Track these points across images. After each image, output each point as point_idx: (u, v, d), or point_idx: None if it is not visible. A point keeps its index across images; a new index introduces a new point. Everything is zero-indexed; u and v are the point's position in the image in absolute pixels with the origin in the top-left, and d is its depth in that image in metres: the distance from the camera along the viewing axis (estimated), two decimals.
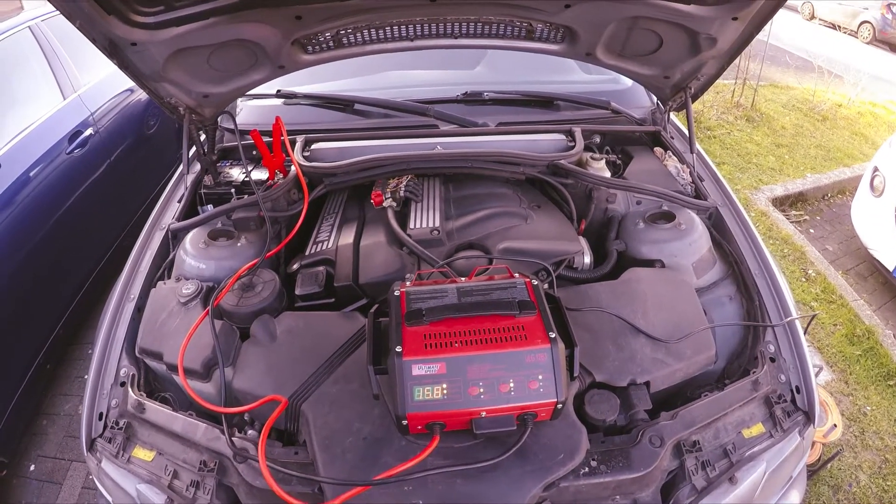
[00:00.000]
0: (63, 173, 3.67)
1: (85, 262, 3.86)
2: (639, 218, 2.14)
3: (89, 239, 3.91)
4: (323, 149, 2.42)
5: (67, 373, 3.74)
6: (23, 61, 3.88)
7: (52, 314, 3.52)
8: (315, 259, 2.03)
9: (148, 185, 4.69)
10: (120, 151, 4.26)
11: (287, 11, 1.76)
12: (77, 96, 4.09)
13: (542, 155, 2.25)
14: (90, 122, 4.05)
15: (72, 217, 3.66)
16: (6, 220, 3.15)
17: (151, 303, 1.91)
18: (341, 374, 1.62)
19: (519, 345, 1.37)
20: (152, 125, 4.76)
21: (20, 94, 3.77)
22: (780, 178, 5.95)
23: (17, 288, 3.19)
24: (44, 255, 3.41)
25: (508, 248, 1.98)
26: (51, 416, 3.49)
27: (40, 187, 3.45)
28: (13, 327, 3.14)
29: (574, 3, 1.78)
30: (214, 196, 2.36)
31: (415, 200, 2.17)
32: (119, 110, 4.39)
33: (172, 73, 1.97)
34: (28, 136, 3.56)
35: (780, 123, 7.21)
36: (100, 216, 4.02)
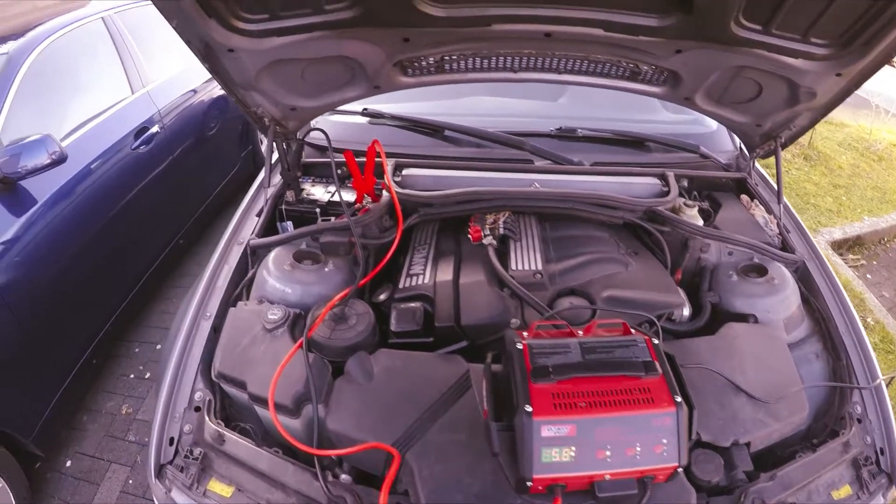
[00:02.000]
0: (125, 169, 3.65)
1: (140, 259, 3.85)
2: (732, 270, 2.08)
3: (145, 237, 3.90)
4: (415, 175, 2.35)
5: (112, 369, 3.72)
6: (94, 52, 3.87)
7: (105, 309, 3.49)
8: (411, 294, 1.95)
9: (206, 188, 4.70)
10: (181, 151, 4.23)
11: (396, 33, 1.71)
12: (146, 92, 4.08)
13: (641, 200, 2.20)
14: (156, 119, 4.04)
15: (130, 213, 3.64)
16: (65, 211, 3.12)
17: (231, 324, 1.83)
18: (447, 423, 1.54)
19: (646, 408, 1.32)
20: (212, 127, 4.74)
21: (90, 84, 3.76)
22: (838, 220, 5.82)
23: (72, 280, 3.16)
24: (100, 249, 3.39)
25: (612, 297, 1.92)
26: (92, 412, 3.46)
27: (101, 181, 3.42)
28: (65, 319, 3.11)
29: (685, 49, 1.74)
30: (296, 213, 2.30)
31: (513, 239, 2.10)
32: (182, 110, 4.37)
33: (264, 83, 1.92)
34: (95, 127, 3.55)
35: (837, 163, 7.07)
36: (157, 215, 4.00)
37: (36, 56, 3.33)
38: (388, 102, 2.69)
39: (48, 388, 2.99)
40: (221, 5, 1.55)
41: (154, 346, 3.88)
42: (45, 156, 2.85)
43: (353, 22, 1.63)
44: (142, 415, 3.43)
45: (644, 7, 1.57)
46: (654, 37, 1.67)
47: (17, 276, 2.76)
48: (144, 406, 3.47)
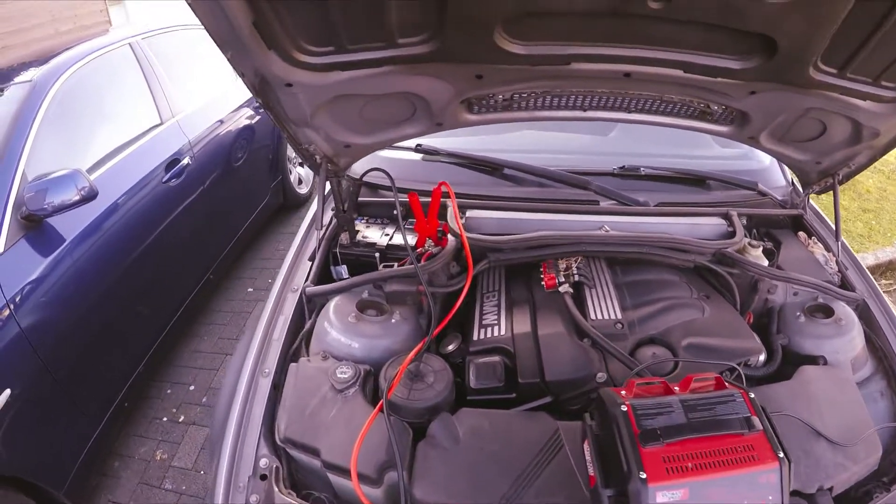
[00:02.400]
0: (155, 203, 3.55)
1: (170, 297, 3.74)
2: (798, 310, 2.04)
3: (175, 273, 3.79)
4: (479, 217, 2.27)
5: (143, 412, 3.59)
6: (122, 79, 3.81)
7: (136, 349, 3.38)
8: (487, 346, 1.85)
9: (236, 221, 4.61)
10: (209, 183, 4.14)
11: (470, 69, 1.62)
12: (175, 122, 4.00)
13: (711, 243, 2.16)
14: (186, 150, 3.95)
15: (159, 249, 3.54)
16: (94, 248, 3.00)
17: (295, 383, 1.72)
18: (543, 487, 1.46)
19: (751, 466, 1.27)
20: (239, 158, 4.64)
21: (118, 113, 3.70)
22: (870, 245, 5.75)
23: (101, 320, 3.04)
24: (129, 287, 3.28)
25: (692, 345, 1.85)
26: (124, 457, 3.33)
27: (131, 215, 3.32)
28: (95, 361, 2.99)
29: (760, 91, 1.71)
30: (351, 257, 2.20)
31: (588, 285, 2.03)
32: (210, 140, 4.28)
33: (320, 120, 1.82)
34: (124, 159, 3.46)
35: (865, 187, 7.00)
36: (187, 250, 3.91)
37: (62, 84, 3.26)
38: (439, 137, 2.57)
39: (80, 437, 2.86)
40: (284, 36, 1.43)
41: (187, 387, 3.76)
42: (73, 192, 2.72)
43: (427, 57, 1.54)
44: (177, 461, 3.29)
45: (726, 49, 1.53)
46: (733, 79, 1.64)
47: (44, 318, 2.62)
48: (179, 452, 3.34)
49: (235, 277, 4.75)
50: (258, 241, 5.21)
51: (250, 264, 4.96)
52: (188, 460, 3.29)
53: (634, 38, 1.50)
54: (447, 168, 2.57)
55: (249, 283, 4.71)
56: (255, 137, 4.87)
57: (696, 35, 1.46)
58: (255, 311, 4.34)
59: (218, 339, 4.14)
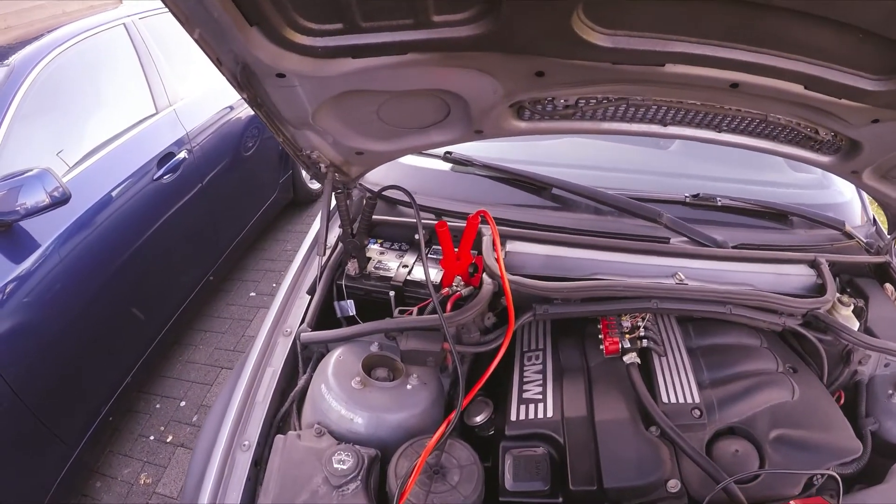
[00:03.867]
0: (147, 201, 3.24)
1: (164, 301, 3.47)
2: (890, 387, 1.74)
3: (170, 276, 3.52)
4: (522, 253, 1.85)
5: (130, 428, 3.34)
6: (113, 63, 3.49)
7: (126, 358, 3.14)
8: (529, 431, 1.48)
9: (240, 218, 4.31)
10: (213, 176, 3.81)
11: (530, 63, 1.20)
12: (172, 111, 3.65)
13: (804, 301, 1.78)
14: (184, 142, 3.60)
15: (152, 250, 3.26)
16: (78, 249, 2.75)
17: (280, 467, 1.37)
18: None
19: None
20: (250, 147, 4.30)
21: (108, 101, 3.38)
22: None
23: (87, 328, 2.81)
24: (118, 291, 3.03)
25: (781, 439, 1.51)
26: (106, 478, 3.08)
27: (119, 214, 3.03)
28: (80, 372, 2.77)
29: (883, 120, 1.36)
30: (360, 292, 1.83)
31: (658, 353, 1.65)
32: (216, 129, 3.94)
33: (325, 121, 1.44)
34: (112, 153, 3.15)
35: None
36: (184, 250, 3.61)
37: (43, 68, 2.94)
38: None
39: (60, 453, 2.65)
40: (270, 8, 1.02)
41: (177, 403, 3.50)
42: (42, 195, 2.44)
43: (471, 44, 1.11)
44: (162, 488, 3.03)
45: (865, 65, 1.18)
46: (860, 102, 1.29)
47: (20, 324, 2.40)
48: (165, 477, 3.08)
49: (238, 280, 4.50)
50: (264, 240, 4.95)
51: (254, 265, 4.70)
52: (174, 487, 3.04)
53: (753, 39, 1.12)
54: (480, 182, 2.17)
55: (252, 287, 4.44)
56: (263, 127, 4.49)
57: (833, 41, 1.10)
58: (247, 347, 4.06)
59: (214, 349, 3.86)
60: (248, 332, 3.98)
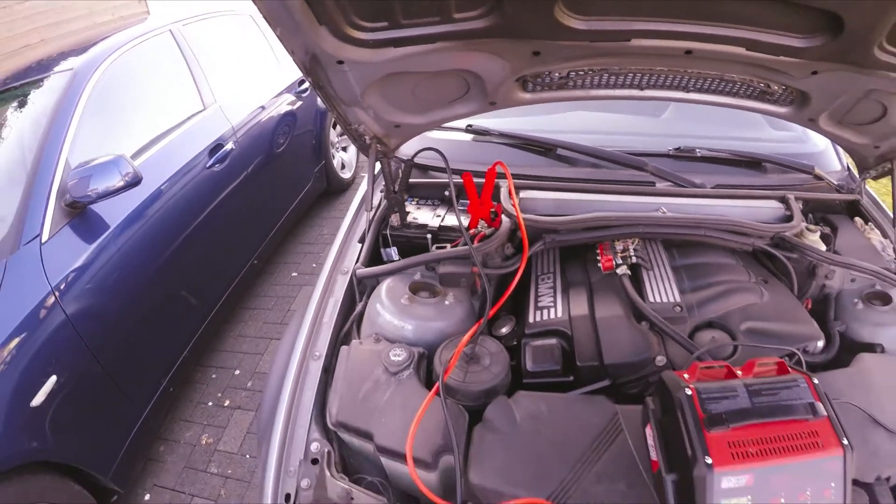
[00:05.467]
0: (199, 188, 3.55)
1: (215, 282, 3.76)
2: (856, 297, 1.99)
3: (219, 258, 3.81)
4: (535, 199, 2.21)
5: (189, 397, 3.63)
6: (163, 66, 3.82)
7: (182, 335, 3.40)
8: (544, 329, 1.81)
9: (279, 206, 4.61)
10: (252, 168, 4.14)
11: (528, 45, 1.56)
12: (218, 107, 4.00)
13: (771, 226, 2.10)
14: (230, 135, 3.95)
15: (204, 234, 3.55)
16: (138, 234, 3.01)
17: (347, 366, 1.69)
18: (603, 472, 1.42)
19: (815, 452, 1.26)
20: (281, 143, 4.63)
21: (161, 99, 3.70)
22: None
23: (146, 306, 3.05)
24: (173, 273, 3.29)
25: (752, 330, 1.80)
26: (169, 442, 3.36)
27: (175, 201, 3.32)
28: (140, 347, 3.01)
29: (822, 71, 1.65)
30: (402, 239, 2.17)
31: (645, 268, 1.97)
32: (252, 126, 4.27)
33: (371, 99, 1.79)
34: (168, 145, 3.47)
35: None
36: (231, 235, 3.91)
37: (103, 72, 3.26)
38: (488, 118, 2.60)
39: (125, 422, 2.88)
40: (336, 11, 1.39)
41: (232, 372, 3.78)
42: (118, 178, 2.71)
43: (484, 33, 1.49)
44: (223, 445, 3.31)
45: (791, 27, 1.48)
46: (796, 58, 1.59)
47: (89, 305, 2.63)
48: (225, 436, 3.36)
49: (279, 262, 4.76)
50: (301, 226, 5.24)
51: (294, 249, 4.98)
52: (234, 444, 3.31)
53: (698, 14, 1.44)
54: (498, 149, 2.51)
55: (293, 268, 4.71)
56: (297, 123, 4.86)
57: (761, 11, 1.41)
58: (303, 292, 4.34)
59: (263, 323, 4.15)
60: (294, 308, 4.26)
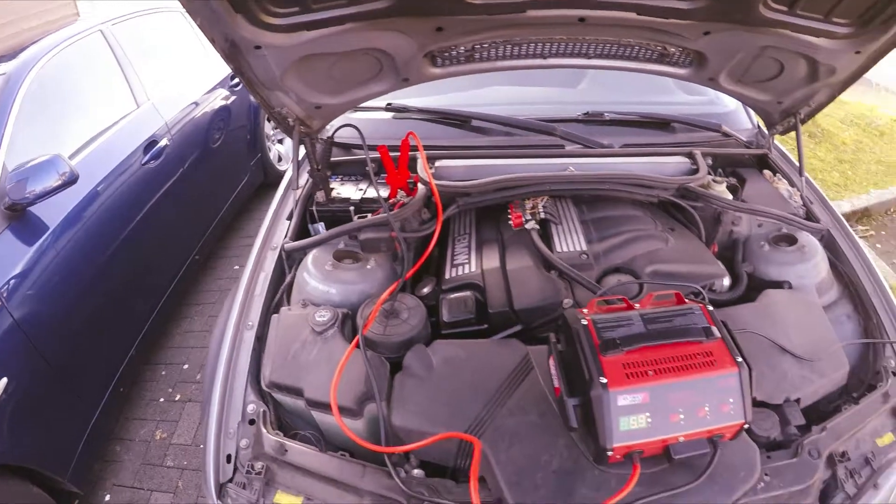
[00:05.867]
0: (137, 185, 3.56)
1: (157, 279, 3.77)
2: (762, 240, 2.15)
3: (161, 255, 3.82)
4: (449, 167, 2.33)
5: (140, 395, 3.63)
6: (95, 66, 3.80)
7: (127, 334, 3.40)
8: (459, 283, 1.92)
9: (217, 200, 4.63)
10: (189, 164, 4.15)
11: (429, 22, 1.68)
12: (151, 104, 4.00)
13: (674, 178, 2.24)
14: (164, 131, 3.96)
15: (144, 232, 3.55)
16: (78, 234, 3.00)
17: (277, 331, 1.78)
18: (515, 406, 1.54)
19: (711, 370, 1.37)
20: (217, 139, 4.65)
21: (94, 100, 3.68)
22: (846, 193, 5.95)
23: (90, 307, 3.04)
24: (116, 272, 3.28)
25: (657, 272, 1.94)
26: (125, 441, 3.37)
27: (113, 199, 3.32)
28: (88, 349, 3.01)
29: (713, 31, 1.77)
30: (327, 213, 2.25)
31: (554, 222, 2.10)
32: (186, 122, 4.28)
33: (289, 81, 1.87)
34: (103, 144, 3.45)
35: (841, 139, 7.17)
36: (171, 231, 3.93)
37: (35, 74, 3.24)
38: (410, 97, 2.69)
39: (79, 423, 2.89)
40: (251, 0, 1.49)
41: (181, 367, 3.80)
42: (55, 177, 2.72)
43: (387, 12, 1.59)
44: (177, 438, 3.34)
45: None
46: (684, 19, 1.70)
47: (35, 307, 2.63)
48: (178, 429, 3.39)
49: (221, 256, 4.78)
50: (241, 220, 5.24)
51: (235, 242, 5.01)
52: (187, 436, 3.34)
53: None
54: (417, 124, 2.61)
55: (235, 262, 4.74)
56: (231, 117, 4.88)
57: None
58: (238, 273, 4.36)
59: (208, 317, 4.16)
60: None
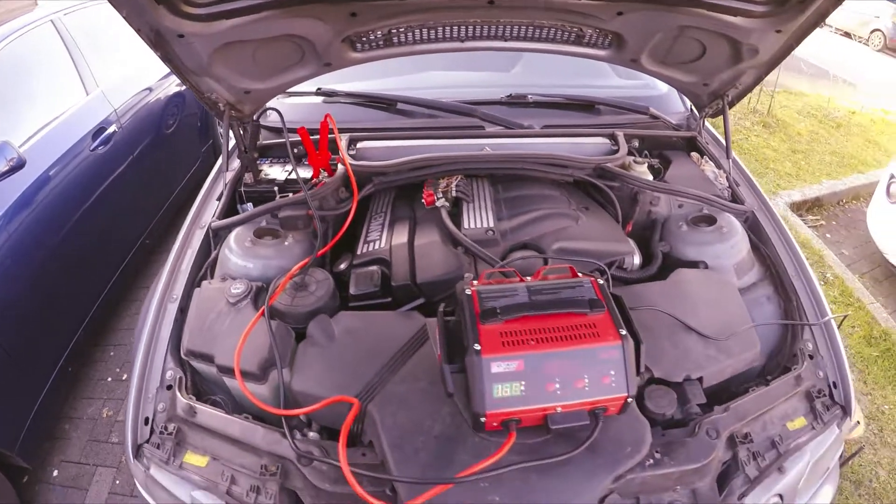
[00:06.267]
0: (86, 171, 3.59)
1: (107, 262, 3.81)
2: (682, 220, 2.17)
3: (111, 239, 3.85)
4: (369, 147, 2.39)
5: (89, 375, 3.68)
6: (45, 56, 3.81)
7: (75, 315, 3.45)
8: (368, 259, 1.99)
9: (168, 185, 4.66)
10: (141, 150, 4.19)
11: (343, 8, 1.73)
12: (100, 92, 4.03)
13: (590, 158, 2.26)
14: (113, 118, 3.99)
15: (94, 216, 3.59)
16: (28, 219, 3.06)
17: (197, 303, 1.86)
18: (407, 373, 1.59)
19: (592, 342, 1.38)
20: (171, 125, 4.69)
21: (43, 89, 3.69)
22: (797, 183, 6.03)
23: (40, 289, 3.11)
24: (65, 255, 3.33)
25: (563, 249, 1.98)
26: (73, 419, 3.43)
27: (62, 185, 3.37)
28: (36, 329, 3.07)
29: (626, 11, 1.79)
30: (255, 194, 2.31)
31: (466, 201, 2.15)
32: (139, 109, 4.32)
33: (216, 68, 1.92)
34: (51, 132, 3.48)
35: (796, 130, 7.26)
36: (122, 216, 3.96)
37: None
38: (344, 82, 2.72)
39: (26, 401, 2.96)
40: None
41: (128, 348, 3.80)
42: (2, 163, 2.79)
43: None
44: (123, 416, 3.35)
45: None
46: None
47: None
48: (124, 407, 3.42)
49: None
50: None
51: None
52: None
53: None
54: (348, 108, 2.67)
55: None
56: (185, 104, 4.92)
57: None
58: None
59: None
60: None
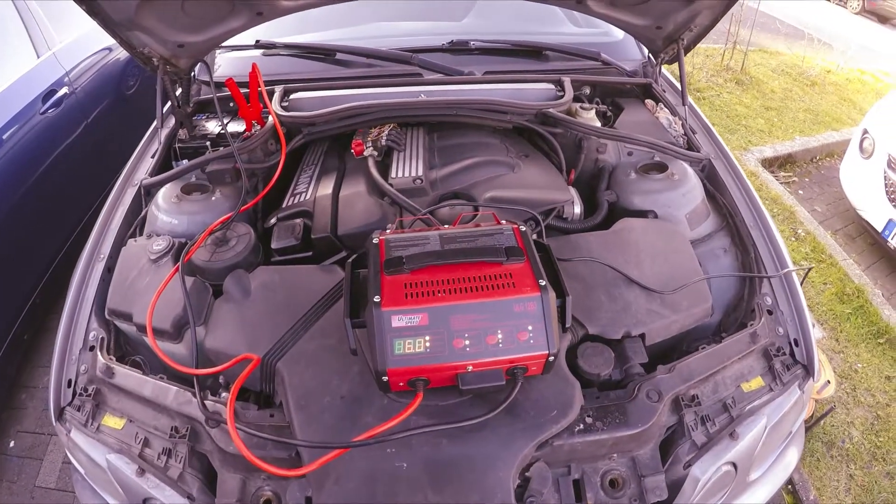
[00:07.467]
0: (36, 135, 3.50)
1: (61, 227, 3.72)
2: (630, 169, 2.08)
3: (66, 203, 3.76)
4: (302, 98, 2.31)
5: (46, 343, 3.61)
6: None
7: (29, 281, 3.39)
8: (292, 211, 1.94)
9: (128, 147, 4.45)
10: (98, 112, 4.07)
11: None
12: (52, 54, 3.90)
13: (530, 103, 2.16)
14: (65, 80, 3.87)
15: (47, 181, 3.51)
16: None
17: (121, 261, 1.81)
18: (319, 330, 1.54)
19: (506, 293, 1.28)
20: (132, 85, 4.57)
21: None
22: (769, 139, 5.96)
23: None
24: (18, 221, 3.27)
25: (495, 197, 1.90)
26: (29, 388, 3.39)
27: (12, 150, 3.29)
28: None
29: None
30: (189, 150, 2.25)
31: (397, 150, 2.08)
32: (97, 69, 4.19)
33: (145, 21, 1.85)
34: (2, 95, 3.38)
35: (770, 87, 7.19)
36: (77, 179, 3.86)
37: None
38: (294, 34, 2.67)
39: None
40: None
41: None
42: None
43: None
44: None
45: None
46: None
47: None
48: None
49: None
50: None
51: None
52: None
53: None
54: (288, 60, 2.60)
55: None
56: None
57: None
58: None
59: None
60: None
